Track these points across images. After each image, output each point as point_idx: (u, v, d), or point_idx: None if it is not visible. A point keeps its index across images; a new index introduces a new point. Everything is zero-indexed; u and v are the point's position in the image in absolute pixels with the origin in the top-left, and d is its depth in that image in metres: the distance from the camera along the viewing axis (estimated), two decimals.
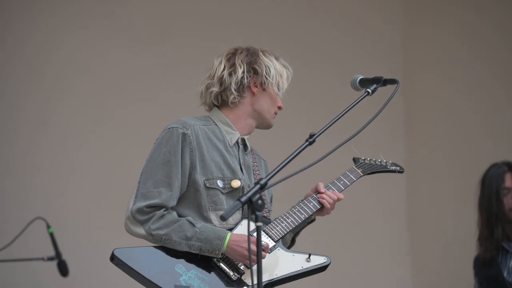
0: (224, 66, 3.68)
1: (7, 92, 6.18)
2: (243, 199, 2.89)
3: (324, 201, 3.65)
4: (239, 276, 3.46)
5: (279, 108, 3.73)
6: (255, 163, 3.73)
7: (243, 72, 3.66)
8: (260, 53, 3.70)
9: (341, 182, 3.74)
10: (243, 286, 3.45)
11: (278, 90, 3.70)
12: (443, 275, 6.78)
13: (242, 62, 3.67)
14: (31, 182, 6.15)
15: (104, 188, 6.17)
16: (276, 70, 3.69)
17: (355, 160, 3.87)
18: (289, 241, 3.75)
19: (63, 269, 5.05)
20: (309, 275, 3.55)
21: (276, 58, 3.73)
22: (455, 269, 6.45)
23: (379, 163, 3.90)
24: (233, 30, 6.53)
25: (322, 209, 3.68)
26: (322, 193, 3.67)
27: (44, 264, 5.15)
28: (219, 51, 3.86)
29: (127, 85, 6.41)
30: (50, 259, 5.03)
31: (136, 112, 6.39)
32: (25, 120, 6.20)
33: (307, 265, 3.55)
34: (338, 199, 3.70)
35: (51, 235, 5.01)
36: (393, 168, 3.93)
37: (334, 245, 6.51)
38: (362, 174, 3.81)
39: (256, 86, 3.67)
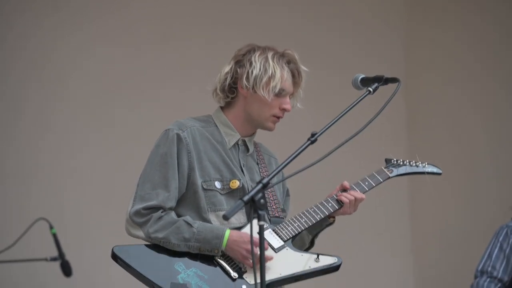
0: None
1: (7, 93, 6.17)
2: (245, 198, 2.88)
3: (343, 198, 3.55)
4: (240, 274, 3.43)
5: (285, 110, 3.55)
6: (262, 164, 3.65)
7: (226, 73, 3.53)
8: (257, 53, 3.53)
9: (366, 183, 3.64)
10: (243, 285, 3.41)
11: (268, 93, 3.49)
12: (446, 273, 6.77)
13: (232, 62, 3.55)
14: (33, 183, 6.14)
15: (106, 188, 6.17)
16: (266, 71, 3.49)
17: (386, 161, 3.74)
18: (307, 243, 3.67)
19: (67, 269, 5.04)
20: (318, 275, 3.48)
21: (279, 57, 3.54)
22: (458, 267, 6.45)
23: (413, 164, 3.73)
24: (235, 31, 6.52)
25: (341, 209, 3.59)
26: (347, 189, 3.57)
27: (47, 265, 5.14)
28: (221, 53, 3.84)
29: (129, 87, 6.40)
30: (54, 259, 5.02)
31: (138, 114, 6.39)
32: (26, 122, 6.20)
33: (315, 265, 3.47)
34: (361, 199, 3.60)
35: (54, 236, 5.00)
36: (429, 170, 3.71)
37: (335, 243, 6.45)
38: (390, 176, 3.67)
39: (247, 88, 3.52)
